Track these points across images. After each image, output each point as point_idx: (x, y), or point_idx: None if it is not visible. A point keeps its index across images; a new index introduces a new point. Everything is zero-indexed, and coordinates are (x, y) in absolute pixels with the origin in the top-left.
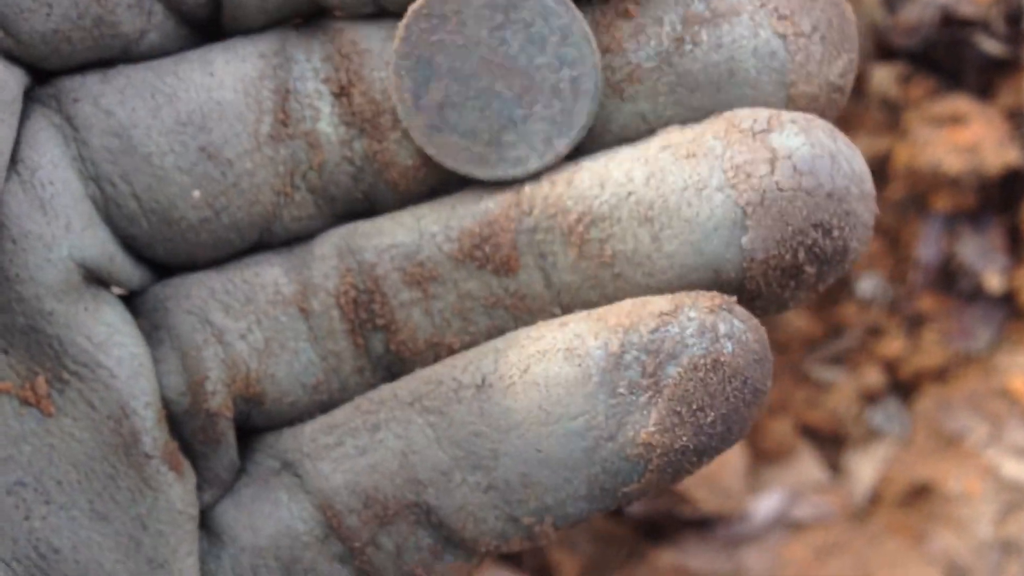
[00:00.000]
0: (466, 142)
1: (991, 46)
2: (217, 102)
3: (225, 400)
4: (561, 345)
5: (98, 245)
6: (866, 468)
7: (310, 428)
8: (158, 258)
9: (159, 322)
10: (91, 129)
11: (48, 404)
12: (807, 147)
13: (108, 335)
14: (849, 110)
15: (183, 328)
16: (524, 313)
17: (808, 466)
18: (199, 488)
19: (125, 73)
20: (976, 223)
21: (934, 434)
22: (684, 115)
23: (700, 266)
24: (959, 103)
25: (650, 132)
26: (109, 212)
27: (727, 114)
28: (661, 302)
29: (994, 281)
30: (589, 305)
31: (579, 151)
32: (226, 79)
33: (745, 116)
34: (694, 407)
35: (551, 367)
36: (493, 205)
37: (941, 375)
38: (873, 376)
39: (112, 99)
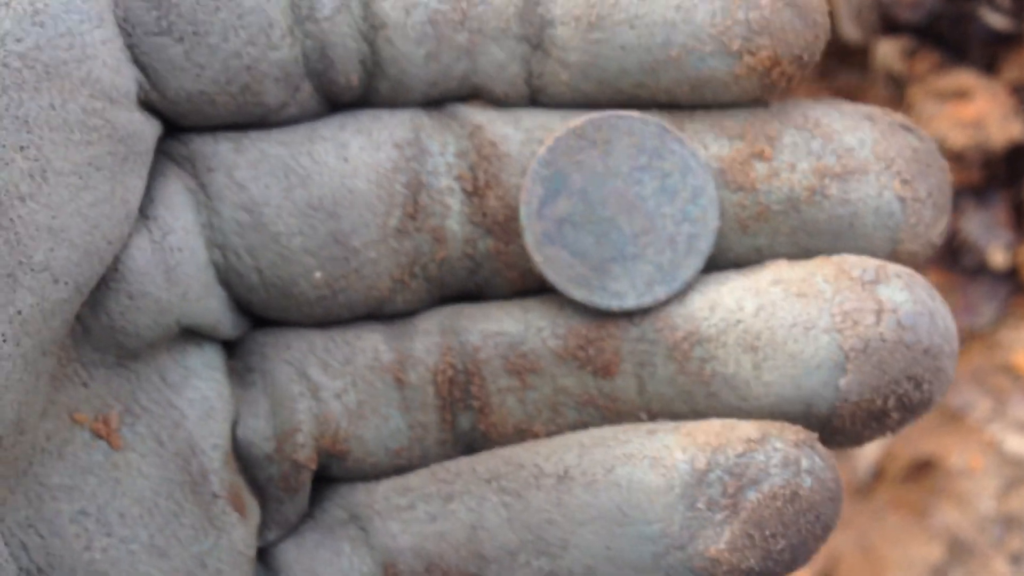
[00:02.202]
0: (573, 261)
1: (996, 20)
2: (350, 190)
3: (311, 453)
4: (649, 453)
5: (208, 313)
6: (869, 443)
7: (384, 486)
8: (267, 318)
9: (255, 365)
10: (224, 200)
11: (117, 438)
12: (911, 303)
13: (184, 377)
14: (854, 84)
15: (279, 376)
16: (612, 414)
17: None
18: (265, 526)
19: (259, 146)
20: (980, 198)
21: (937, 410)
22: (797, 253)
23: (795, 399)
24: (964, 78)
25: (760, 263)
26: (229, 279)
27: (836, 258)
28: (749, 428)
29: (998, 257)
30: (676, 416)
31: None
32: (360, 168)
33: (854, 264)
34: (767, 533)
35: (636, 471)
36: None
37: None
38: None
39: (246, 173)
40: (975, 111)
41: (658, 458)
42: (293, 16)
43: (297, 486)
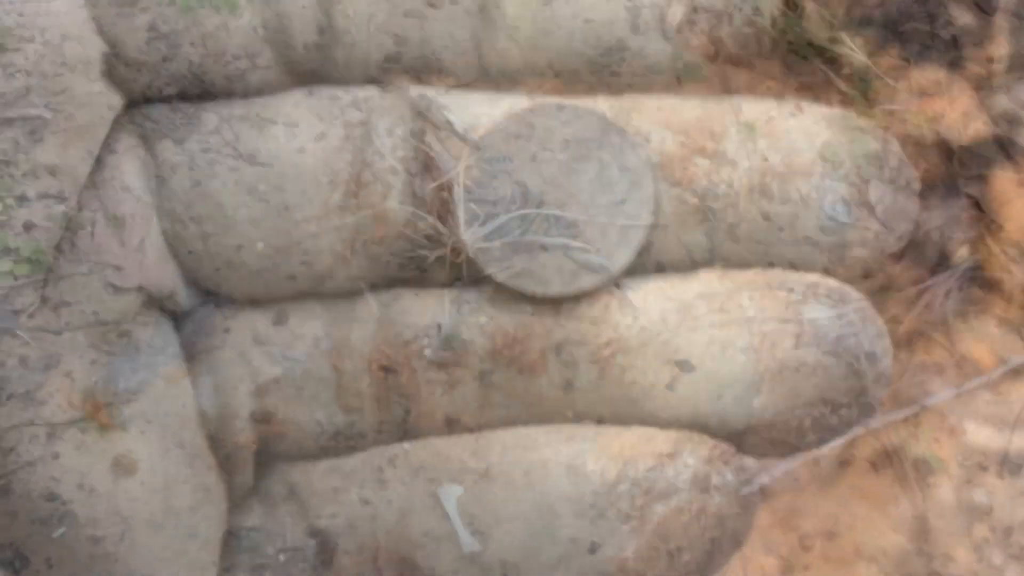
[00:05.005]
0: (503, 245)
1: (962, 16)
2: (295, 165)
3: (251, 435)
4: (564, 460)
5: (165, 281)
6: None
7: (322, 467)
8: (213, 291)
9: (201, 344)
10: (172, 170)
11: (105, 417)
12: (836, 326)
13: (152, 355)
14: (820, 79)
15: (223, 359)
16: (539, 411)
17: None
18: None
19: (212, 119)
20: (943, 193)
21: (900, 401)
22: (737, 252)
23: (710, 414)
24: (929, 73)
25: (694, 265)
26: (176, 246)
27: (769, 274)
28: (663, 442)
29: (961, 251)
30: (600, 418)
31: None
32: (307, 145)
33: (784, 281)
34: (673, 546)
35: (549, 477)
36: (531, 310)
37: (908, 343)
38: None
39: (195, 145)
40: (940, 106)
41: (572, 466)
42: None
43: (240, 464)
